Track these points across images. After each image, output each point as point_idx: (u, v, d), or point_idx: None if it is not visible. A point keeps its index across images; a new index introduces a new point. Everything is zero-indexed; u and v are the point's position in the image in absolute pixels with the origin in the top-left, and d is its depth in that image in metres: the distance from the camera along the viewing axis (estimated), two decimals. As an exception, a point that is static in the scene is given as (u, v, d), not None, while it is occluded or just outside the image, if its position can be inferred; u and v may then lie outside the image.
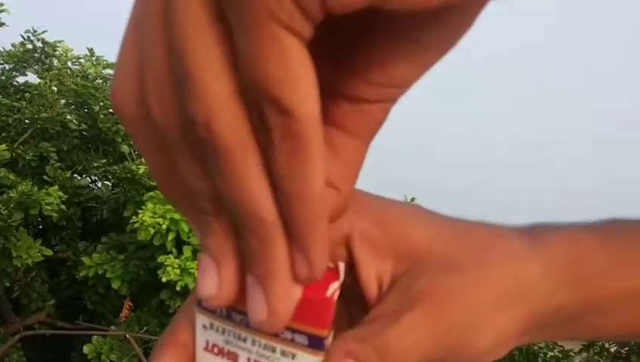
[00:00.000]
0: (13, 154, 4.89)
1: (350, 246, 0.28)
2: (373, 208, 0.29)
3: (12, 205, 4.33)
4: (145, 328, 4.63)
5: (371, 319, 0.27)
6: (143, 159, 5.11)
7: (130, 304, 4.78)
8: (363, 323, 0.27)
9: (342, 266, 0.27)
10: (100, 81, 5.49)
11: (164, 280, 4.14)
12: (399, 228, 0.28)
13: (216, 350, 0.27)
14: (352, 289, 0.29)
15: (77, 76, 5.41)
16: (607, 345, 3.97)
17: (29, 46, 5.43)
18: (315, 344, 0.25)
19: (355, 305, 0.29)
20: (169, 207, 4.27)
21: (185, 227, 4.24)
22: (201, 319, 0.27)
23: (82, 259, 4.68)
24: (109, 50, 5.76)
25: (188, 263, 4.17)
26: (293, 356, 0.26)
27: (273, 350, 0.26)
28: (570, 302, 0.30)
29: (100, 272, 4.57)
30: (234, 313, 0.26)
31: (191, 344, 0.28)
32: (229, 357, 0.27)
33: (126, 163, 5.20)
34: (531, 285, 0.29)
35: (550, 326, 0.31)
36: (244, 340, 0.26)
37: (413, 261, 0.28)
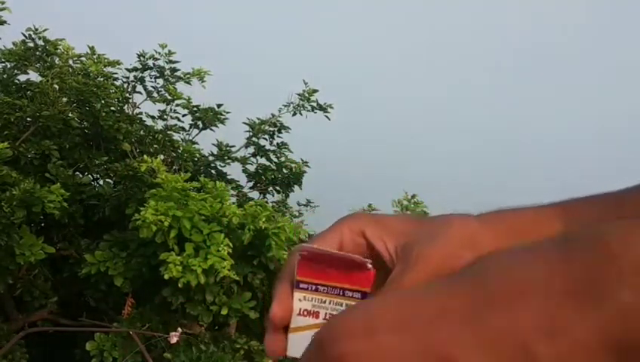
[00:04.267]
0: (16, 152, 4.90)
1: (365, 236, 0.49)
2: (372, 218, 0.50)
3: (14, 203, 4.35)
4: (147, 325, 4.65)
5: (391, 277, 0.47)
6: (144, 156, 5.11)
7: (133, 301, 4.80)
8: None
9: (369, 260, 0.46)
10: (102, 79, 5.50)
11: (166, 277, 4.15)
12: (386, 223, 0.49)
13: (305, 313, 0.45)
14: (378, 263, 0.48)
15: (78, 74, 5.42)
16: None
17: (31, 44, 5.44)
18: (364, 297, 0.45)
19: (382, 272, 0.48)
20: (171, 204, 4.28)
21: (187, 224, 4.25)
22: (297, 295, 0.45)
23: (84, 256, 4.70)
24: (110, 49, 5.77)
25: (190, 260, 4.18)
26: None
27: (341, 305, 0.45)
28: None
29: (103, 269, 4.59)
30: (319, 286, 0.45)
31: (290, 303, 0.46)
32: (314, 315, 0.45)
33: (127, 160, 5.22)
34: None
35: None
36: (324, 302, 0.45)
37: (402, 237, 0.47)
